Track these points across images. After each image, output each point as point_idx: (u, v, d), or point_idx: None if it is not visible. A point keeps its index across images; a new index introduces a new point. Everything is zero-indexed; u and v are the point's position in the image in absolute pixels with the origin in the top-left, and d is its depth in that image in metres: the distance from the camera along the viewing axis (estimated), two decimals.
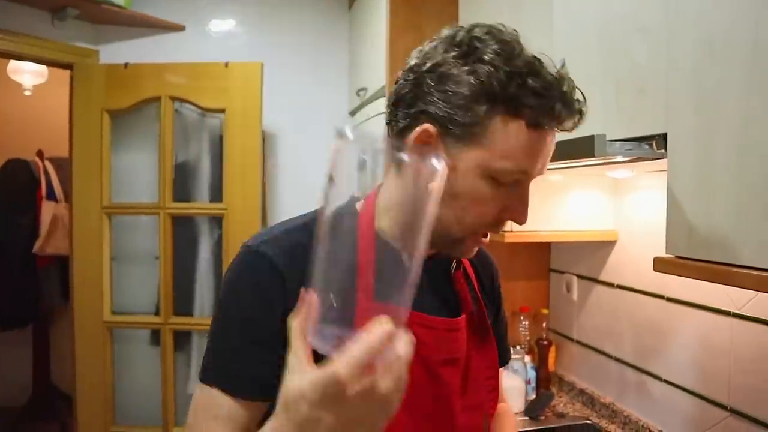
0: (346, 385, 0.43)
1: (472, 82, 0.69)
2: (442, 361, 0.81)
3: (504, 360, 1.04)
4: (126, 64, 2.46)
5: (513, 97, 0.68)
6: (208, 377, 0.75)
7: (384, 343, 0.43)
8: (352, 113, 2.81)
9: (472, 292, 0.91)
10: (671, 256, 1.01)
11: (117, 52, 2.60)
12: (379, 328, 0.44)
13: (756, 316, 1.31)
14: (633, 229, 1.78)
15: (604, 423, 1.80)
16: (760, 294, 1.29)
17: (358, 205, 0.84)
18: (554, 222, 1.79)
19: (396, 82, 0.78)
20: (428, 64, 0.73)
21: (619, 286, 1.81)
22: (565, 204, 1.81)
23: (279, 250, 0.75)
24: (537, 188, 0.79)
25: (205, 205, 2.59)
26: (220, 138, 2.55)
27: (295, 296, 0.72)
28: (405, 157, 0.52)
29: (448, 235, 0.77)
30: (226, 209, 2.48)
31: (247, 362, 0.73)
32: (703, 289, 1.47)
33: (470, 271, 0.94)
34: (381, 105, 2.17)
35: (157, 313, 2.55)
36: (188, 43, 2.70)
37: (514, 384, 1.88)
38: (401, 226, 0.80)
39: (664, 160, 1.04)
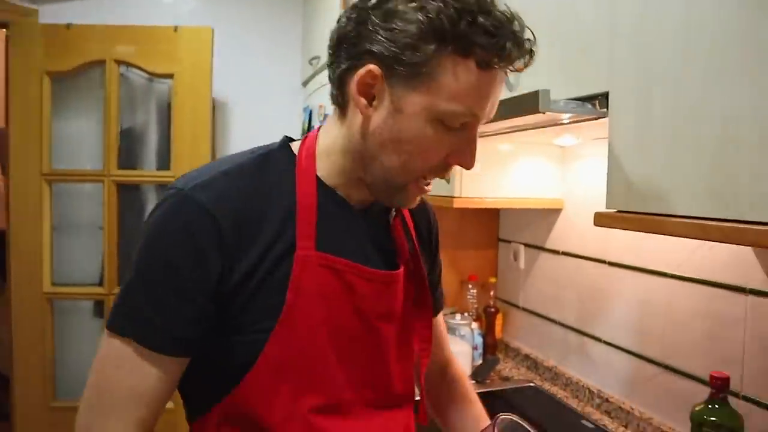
0: None
1: (420, 19, 0.65)
2: (379, 314, 0.80)
3: (439, 305, 1.02)
4: (68, 25, 2.35)
5: (463, 35, 0.65)
6: (118, 326, 0.69)
7: None
8: (305, 83, 2.77)
9: (409, 242, 0.89)
10: (612, 210, 1.05)
11: (58, 12, 2.48)
12: None
13: (690, 276, 1.38)
14: (577, 198, 1.83)
15: (547, 385, 1.86)
16: (695, 254, 1.36)
17: (294, 147, 0.81)
18: (502, 190, 1.82)
19: (338, 21, 0.74)
20: (373, 1, 0.69)
21: (564, 253, 1.87)
22: (513, 172, 1.84)
23: (213, 193, 0.70)
24: (486, 156, 0.79)
25: (151, 173, 2.53)
26: (169, 105, 2.49)
27: (232, 238, 0.70)
28: None
29: (391, 181, 0.75)
30: (174, 177, 2.41)
31: (164, 314, 0.68)
32: (642, 253, 1.53)
33: (408, 219, 0.92)
34: None
35: (101, 284, 2.48)
36: (136, 5, 2.60)
37: (462, 350, 1.92)
38: (343, 175, 0.79)
39: (607, 124, 1.07)
